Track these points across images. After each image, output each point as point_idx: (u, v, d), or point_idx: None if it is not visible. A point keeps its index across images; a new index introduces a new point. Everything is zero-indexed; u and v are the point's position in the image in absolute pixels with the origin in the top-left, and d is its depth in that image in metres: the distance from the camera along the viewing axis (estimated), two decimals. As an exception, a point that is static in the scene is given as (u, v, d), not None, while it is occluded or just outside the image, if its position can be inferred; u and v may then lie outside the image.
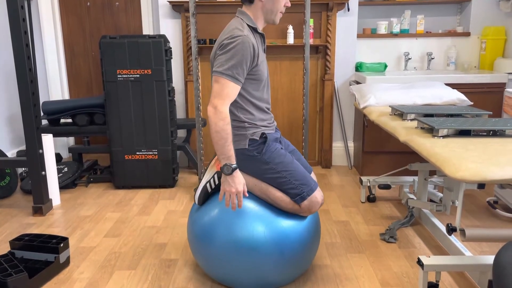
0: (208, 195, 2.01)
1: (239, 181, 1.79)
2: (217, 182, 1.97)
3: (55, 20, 4.02)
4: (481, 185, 1.80)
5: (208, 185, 1.98)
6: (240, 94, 1.87)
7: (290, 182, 1.88)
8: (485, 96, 3.36)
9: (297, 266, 1.92)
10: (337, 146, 3.92)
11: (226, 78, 1.76)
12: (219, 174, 1.97)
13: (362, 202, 3.03)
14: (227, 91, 1.76)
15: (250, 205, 1.89)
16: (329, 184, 3.44)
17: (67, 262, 2.21)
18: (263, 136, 1.92)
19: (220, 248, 1.85)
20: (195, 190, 2.02)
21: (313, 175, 2.17)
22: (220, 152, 1.77)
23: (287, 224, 1.88)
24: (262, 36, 1.94)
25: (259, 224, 1.84)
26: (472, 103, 2.83)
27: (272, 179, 1.90)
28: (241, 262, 1.84)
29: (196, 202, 2.00)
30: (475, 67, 3.86)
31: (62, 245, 2.16)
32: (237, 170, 1.79)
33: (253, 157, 1.90)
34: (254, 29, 1.88)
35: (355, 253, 2.31)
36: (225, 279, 1.93)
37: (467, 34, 3.78)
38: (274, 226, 1.85)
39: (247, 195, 1.84)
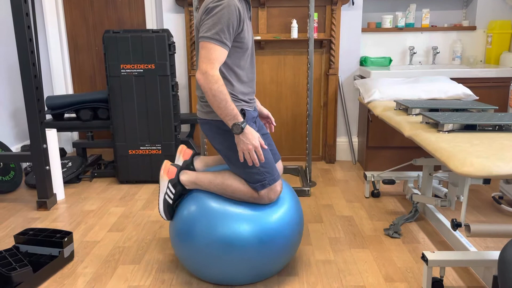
0: (173, 207, 1.98)
1: (252, 136, 1.76)
2: (173, 191, 1.94)
3: (59, 14, 4.02)
4: (487, 180, 1.78)
5: (166, 197, 1.94)
6: (224, 63, 1.82)
7: (256, 168, 1.85)
8: (491, 91, 3.33)
9: (282, 254, 1.92)
10: (341, 141, 3.90)
11: (213, 43, 1.71)
12: (172, 182, 1.94)
13: (366, 197, 3.02)
14: (215, 55, 1.72)
15: (222, 201, 1.89)
16: (333, 179, 3.43)
17: (71, 256, 2.22)
18: (242, 112, 1.88)
19: (202, 247, 1.84)
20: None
21: (279, 164, 2.16)
22: (224, 115, 1.74)
23: (265, 214, 1.88)
24: (247, 2, 1.90)
25: (237, 219, 1.83)
26: (477, 97, 2.81)
27: (237, 160, 1.86)
28: (224, 259, 1.83)
29: (164, 217, 1.97)
30: (480, 61, 3.82)
31: (66, 239, 2.16)
32: (247, 126, 1.76)
33: (227, 132, 1.86)
34: None
35: (359, 248, 2.30)
36: (211, 277, 1.93)
37: (473, 28, 3.74)
38: (254, 220, 1.85)
39: (266, 147, 1.81)
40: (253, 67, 1.97)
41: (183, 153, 2.14)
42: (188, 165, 2.09)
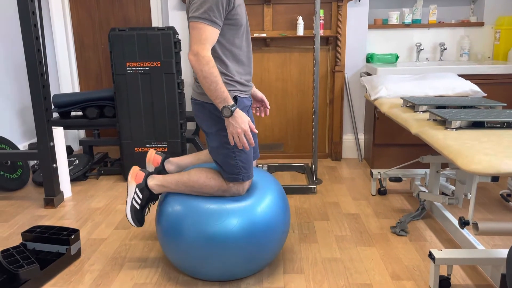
0: (142, 213, 1.97)
1: (242, 120, 1.74)
2: (140, 196, 1.94)
3: (65, 12, 4.03)
4: (495, 178, 1.77)
5: (134, 202, 1.94)
6: (218, 42, 1.79)
7: (235, 160, 1.84)
8: (499, 87, 3.30)
9: (272, 243, 1.93)
10: (348, 138, 3.89)
11: (203, 22, 1.68)
12: (139, 186, 1.93)
13: (372, 195, 3.01)
14: (206, 35, 1.69)
15: (205, 199, 1.89)
16: (339, 176, 3.42)
17: (78, 254, 2.23)
18: (234, 99, 1.85)
19: (190, 243, 1.84)
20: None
21: (254, 162, 2.16)
22: (214, 97, 1.72)
23: (250, 206, 1.88)
24: None
25: (223, 215, 1.84)
26: (485, 94, 2.78)
27: (222, 147, 1.85)
28: (211, 255, 1.84)
29: (132, 223, 1.97)
30: (488, 57, 3.79)
31: (73, 237, 2.17)
32: (237, 109, 1.74)
33: (216, 118, 1.85)
34: None
35: (365, 246, 2.29)
36: (202, 274, 1.94)
37: (480, 24, 3.71)
38: (240, 213, 1.85)
39: (256, 131, 1.80)
40: (249, 46, 1.92)
41: (152, 160, 2.12)
42: (160, 171, 2.07)
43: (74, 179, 3.38)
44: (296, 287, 1.94)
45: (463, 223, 1.85)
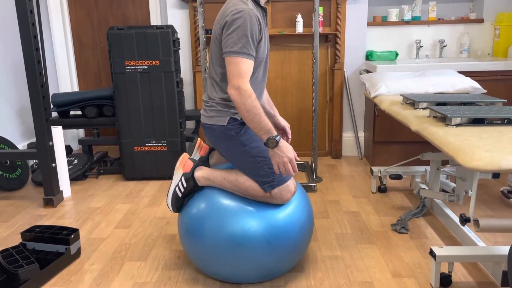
0: (182, 201, 1.98)
1: (287, 149, 1.76)
2: (185, 185, 1.93)
3: (63, 11, 4.02)
4: (496, 175, 1.76)
5: (177, 189, 1.94)
6: None
7: (262, 169, 1.83)
8: (499, 84, 3.29)
9: (291, 254, 1.90)
10: (347, 136, 3.88)
11: (241, 57, 1.71)
12: (185, 176, 1.94)
13: (373, 193, 3.00)
14: (245, 68, 1.72)
15: (232, 199, 1.87)
16: (339, 174, 3.41)
17: (77, 253, 2.22)
18: (241, 122, 1.87)
19: (210, 244, 1.83)
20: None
21: None
22: (258, 129, 1.73)
23: (274, 213, 1.86)
24: (264, 10, 1.89)
25: (247, 217, 1.82)
26: (485, 91, 2.78)
27: (245, 162, 1.85)
28: (232, 257, 1.82)
29: (171, 209, 1.97)
30: (488, 54, 3.78)
31: (72, 236, 2.17)
32: (281, 139, 1.76)
33: (231, 137, 1.86)
34: (256, 3, 1.84)
35: (366, 244, 2.29)
36: (219, 274, 1.92)
37: (480, 20, 3.70)
38: (262, 218, 1.83)
39: (298, 158, 1.81)
40: (265, 76, 1.95)
41: (200, 149, 2.13)
42: (205, 162, 2.08)
43: (74, 178, 3.38)
44: (297, 286, 1.94)
45: (464, 220, 1.84)
